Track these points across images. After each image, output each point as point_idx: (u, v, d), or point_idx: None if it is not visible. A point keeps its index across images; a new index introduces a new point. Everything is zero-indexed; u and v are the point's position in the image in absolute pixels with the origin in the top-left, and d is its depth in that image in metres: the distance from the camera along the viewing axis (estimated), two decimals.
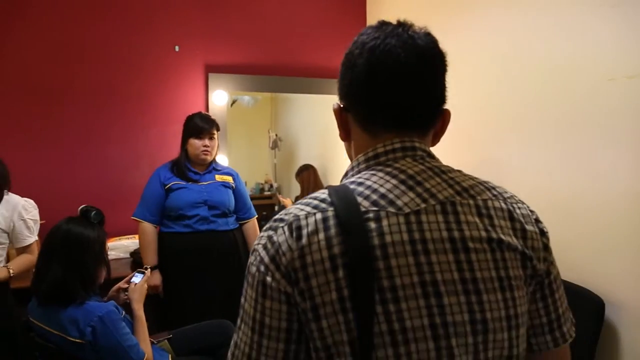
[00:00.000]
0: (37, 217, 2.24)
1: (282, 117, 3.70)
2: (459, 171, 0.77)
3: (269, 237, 0.70)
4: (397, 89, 0.72)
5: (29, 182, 2.91)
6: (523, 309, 0.71)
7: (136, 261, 2.76)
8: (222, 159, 3.24)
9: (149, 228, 2.37)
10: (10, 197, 2.12)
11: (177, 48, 3.20)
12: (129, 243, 2.90)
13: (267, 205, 3.56)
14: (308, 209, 0.70)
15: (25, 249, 2.14)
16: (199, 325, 2.11)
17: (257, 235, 2.56)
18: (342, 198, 0.69)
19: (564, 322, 0.77)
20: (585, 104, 1.91)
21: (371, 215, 0.67)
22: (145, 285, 1.84)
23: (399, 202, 0.68)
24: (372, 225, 0.66)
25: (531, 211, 0.77)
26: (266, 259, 0.69)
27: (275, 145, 3.57)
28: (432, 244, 0.67)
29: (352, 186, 0.71)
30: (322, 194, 0.72)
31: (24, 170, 2.91)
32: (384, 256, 0.65)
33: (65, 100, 2.97)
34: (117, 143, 3.08)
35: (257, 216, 2.69)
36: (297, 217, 0.69)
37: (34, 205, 2.25)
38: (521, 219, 0.73)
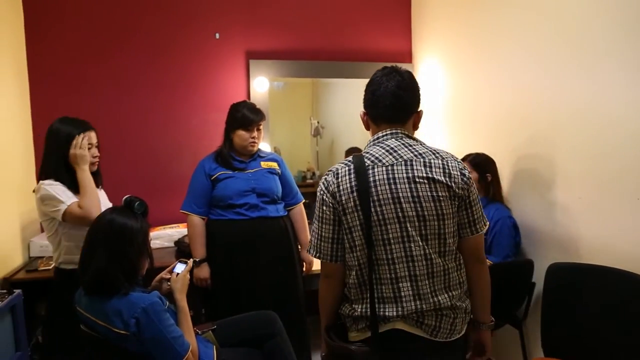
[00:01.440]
0: None
1: (323, 103, 3.61)
2: (422, 144, 1.44)
3: (325, 178, 1.43)
4: (388, 103, 1.42)
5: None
6: (446, 210, 1.35)
7: (180, 250, 2.76)
8: (264, 147, 3.19)
9: (196, 220, 2.35)
10: (103, 192, 2.20)
11: (217, 35, 3.16)
12: (173, 232, 2.91)
13: (309, 194, 3.49)
14: (341, 165, 1.43)
15: None
16: (245, 316, 2.06)
17: (304, 221, 2.53)
18: (356, 159, 1.41)
19: (478, 222, 1.42)
20: None
21: (370, 166, 1.38)
22: (188, 276, 1.80)
23: (384, 160, 1.38)
24: (370, 171, 1.37)
25: (459, 163, 1.41)
26: (323, 188, 1.42)
27: (317, 133, 3.49)
28: (398, 180, 1.35)
29: (363, 154, 1.43)
30: (349, 159, 1.43)
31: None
32: (374, 185, 1.35)
33: (107, 91, 2.99)
34: (159, 132, 3.09)
35: (304, 201, 2.62)
36: (337, 168, 1.42)
37: None
38: (448, 167, 1.37)
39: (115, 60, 2.99)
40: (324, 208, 1.40)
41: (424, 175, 1.35)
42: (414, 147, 1.40)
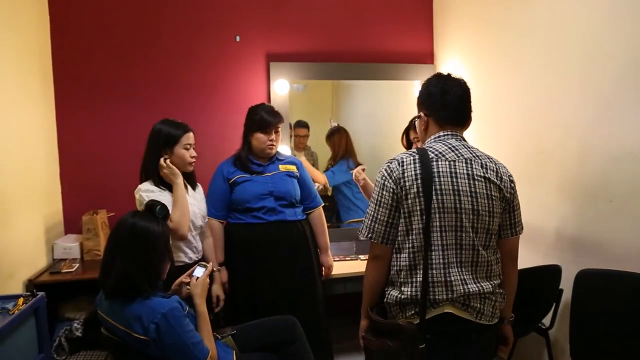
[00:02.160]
0: None
1: (343, 105, 3.57)
2: (476, 148, 1.57)
3: (388, 165, 1.52)
4: (456, 108, 1.58)
5: (96, 175, 3.00)
6: (496, 209, 1.49)
7: None
8: (284, 149, 3.18)
9: (215, 224, 2.35)
10: (200, 189, 2.32)
11: (238, 38, 3.16)
12: None
13: (328, 196, 3.48)
14: (405, 155, 1.52)
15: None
16: (264, 321, 2.04)
17: (323, 224, 2.50)
18: (421, 151, 1.51)
19: (518, 225, 1.56)
20: None
21: (433, 159, 1.49)
22: (207, 280, 1.79)
23: (447, 156, 1.50)
24: (433, 163, 1.48)
25: (508, 170, 1.56)
26: (386, 174, 1.50)
27: None
28: (459, 174, 1.47)
29: (426, 148, 1.54)
30: (413, 150, 1.54)
31: (90, 163, 2.99)
32: (437, 176, 1.46)
33: (130, 96, 3.01)
34: None
35: (323, 204, 2.60)
36: (401, 157, 1.51)
37: None
38: (500, 171, 1.52)
39: (137, 65, 3.02)
40: (384, 192, 1.49)
41: (482, 174, 1.48)
42: (472, 149, 1.54)
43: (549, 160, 2.40)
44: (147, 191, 2.02)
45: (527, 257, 2.47)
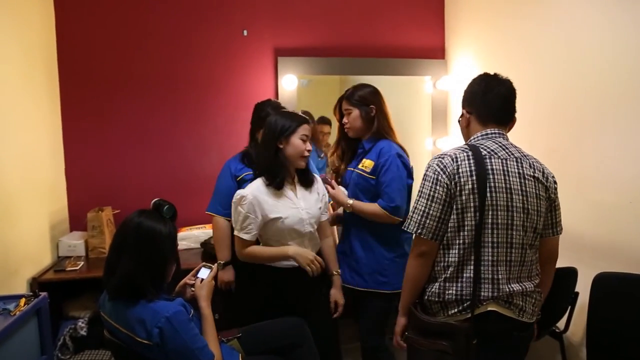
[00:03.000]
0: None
1: None
2: (520, 148, 1.58)
3: (440, 161, 1.51)
4: (500, 106, 1.59)
5: (102, 172, 2.97)
6: (543, 208, 1.52)
7: (207, 252, 2.71)
8: None
9: (222, 222, 2.29)
10: (319, 180, 2.32)
11: (245, 32, 3.11)
12: (200, 233, 2.87)
13: None
14: (458, 151, 1.52)
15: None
16: (271, 323, 1.99)
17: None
18: (474, 148, 1.52)
19: (559, 224, 1.60)
20: None
21: (486, 156, 1.49)
22: (213, 282, 1.74)
23: (499, 154, 1.51)
24: (487, 160, 1.48)
25: (551, 172, 1.57)
26: (439, 169, 1.49)
27: None
28: (511, 172, 1.49)
29: (477, 145, 1.54)
30: (465, 146, 1.55)
31: (95, 160, 2.96)
32: (492, 173, 1.47)
33: (133, 90, 2.97)
34: (185, 131, 3.05)
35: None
36: (454, 153, 1.51)
37: None
38: (546, 172, 1.55)
39: (143, 58, 2.97)
40: (438, 187, 1.47)
41: (531, 174, 1.51)
42: (518, 148, 1.57)
43: (564, 159, 2.33)
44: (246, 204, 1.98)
45: None
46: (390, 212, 2.03)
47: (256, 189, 2.00)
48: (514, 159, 1.51)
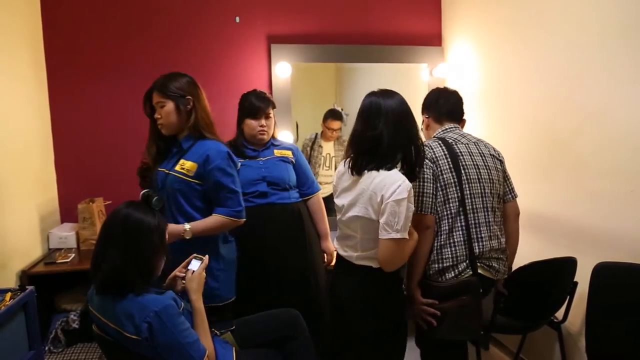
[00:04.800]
0: None
1: (347, 89, 3.45)
2: (472, 135, 1.98)
3: (427, 157, 1.82)
4: (451, 106, 2.01)
5: (92, 162, 2.91)
6: (501, 179, 1.91)
7: None
8: (287, 135, 3.08)
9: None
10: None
11: (237, 19, 3.04)
12: None
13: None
14: (431, 141, 1.89)
15: None
16: (265, 315, 1.95)
17: (322, 210, 2.40)
18: (441, 138, 1.90)
19: (513, 190, 1.98)
20: None
21: (453, 143, 1.87)
22: (204, 274, 1.69)
23: (462, 140, 1.90)
24: (455, 146, 1.86)
25: (499, 151, 1.98)
26: (428, 164, 1.79)
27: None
28: (474, 152, 1.88)
29: (442, 136, 1.92)
30: (433, 138, 1.93)
31: (86, 150, 2.90)
32: (461, 155, 1.85)
33: (125, 78, 2.90)
34: None
35: (321, 190, 2.51)
36: (429, 144, 1.87)
37: None
38: (497, 150, 1.96)
39: (132, 46, 2.90)
40: (425, 169, 1.78)
41: (488, 152, 1.92)
42: (472, 135, 1.98)
43: (564, 148, 2.29)
44: None
45: (542, 249, 2.38)
46: (236, 217, 1.92)
47: None
48: (473, 143, 1.91)
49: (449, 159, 1.81)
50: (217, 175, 1.89)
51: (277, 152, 2.36)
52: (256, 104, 2.28)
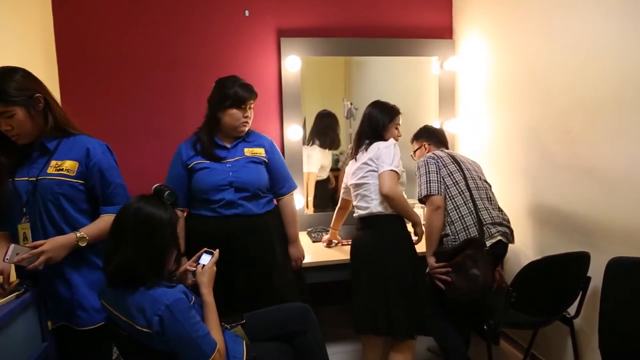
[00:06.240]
0: None
1: (356, 84, 3.43)
2: (450, 150, 2.65)
3: (431, 157, 2.42)
4: (442, 136, 2.75)
5: None
6: (487, 184, 2.44)
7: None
8: (296, 130, 3.07)
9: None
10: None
11: (247, 12, 3.02)
12: None
13: (329, 180, 3.38)
14: (436, 150, 2.54)
15: None
16: (276, 308, 1.95)
17: (293, 213, 2.35)
18: (440, 150, 2.55)
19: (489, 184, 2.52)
20: None
21: (443, 154, 2.45)
22: (214, 268, 1.70)
23: (445, 151, 2.52)
24: (443, 155, 2.44)
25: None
26: (432, 161, 2.38)
27: (350, 115, 3.32)
28: (464, 159, 2.47)
29: (435, 153, 2.50)
30: (438, 150, 2.55)
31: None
32: (457, 156, 2.47)
33: (132, 72, 2.90)
34: (187, 114, 2.98)
35: (297, 188, 2.39)
36: (430, 154, 2.46)
37: None
38: (473, 163, 2.52)
39: (142, 40, 2.90)
40: (430, 166, 2.35)
41: (471, 160, 2.51)
42: (451, 151, 2.61)
43: (577, 141, 2.26)
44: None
45: (554, 244, 2.36)
46: None
47: None
48: (459, 155, 2.48)
49: (449, 156, 2.41)
50: (102, 171, 1.75)
51: (247, 152, 2.20)
52: (244, 94, 2.14)
